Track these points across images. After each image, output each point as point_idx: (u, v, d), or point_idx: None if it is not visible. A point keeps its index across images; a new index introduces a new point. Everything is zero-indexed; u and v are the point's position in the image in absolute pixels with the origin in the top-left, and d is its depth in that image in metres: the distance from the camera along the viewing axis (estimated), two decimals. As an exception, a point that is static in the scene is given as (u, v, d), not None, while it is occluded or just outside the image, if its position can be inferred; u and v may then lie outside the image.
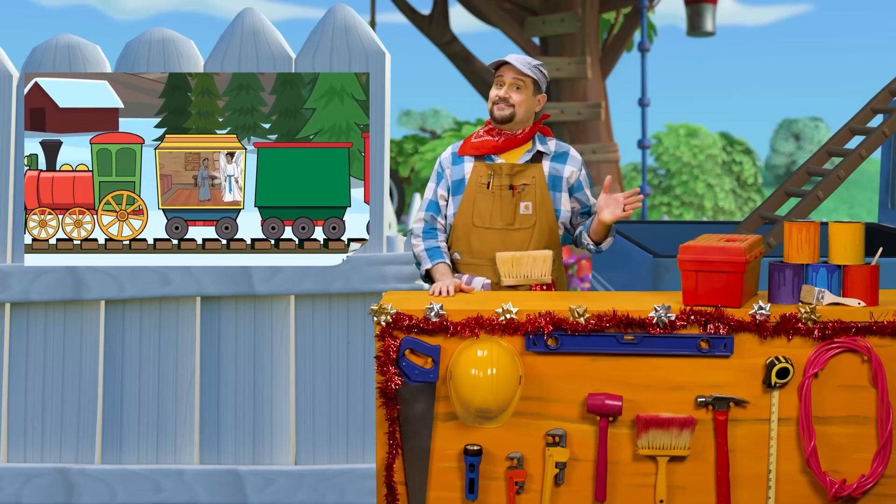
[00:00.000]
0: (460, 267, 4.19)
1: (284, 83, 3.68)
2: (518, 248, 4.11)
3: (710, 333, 3.58)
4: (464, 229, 4.17)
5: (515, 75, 4.12)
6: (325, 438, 4.93)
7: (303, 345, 4.92)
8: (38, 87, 3.72)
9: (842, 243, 3.67)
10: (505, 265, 4.05)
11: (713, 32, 17.37)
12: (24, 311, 4.92)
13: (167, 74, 3.55)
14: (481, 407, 3.56)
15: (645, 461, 3.65)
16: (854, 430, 3.61)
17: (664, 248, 6.95)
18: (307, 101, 3.69)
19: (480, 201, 4.14)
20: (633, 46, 18.10)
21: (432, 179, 4.26)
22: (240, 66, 4.84)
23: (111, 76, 3.68)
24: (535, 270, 4.06)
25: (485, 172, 4.15)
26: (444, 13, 17.60)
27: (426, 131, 45.01)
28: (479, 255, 4.14)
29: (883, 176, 6.82)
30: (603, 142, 16.38)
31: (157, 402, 4.94)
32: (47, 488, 4.88)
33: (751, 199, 33.55)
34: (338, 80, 3.74)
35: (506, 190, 4.13)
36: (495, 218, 4.13)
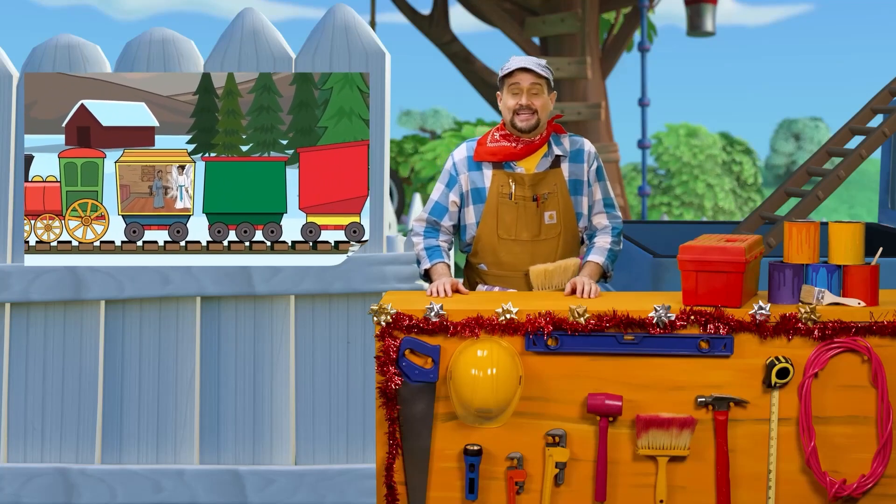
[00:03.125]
0: (488, 279, 4.15)
1: (300, 105, 4.15)
2: (546, 258, 4.08)
3: (710, 333, 3.58)
4: (489, 241, 4.10)
5: (533, 80, 4.00)
6: (325, 438, 4.93)
7: (303, 345, 4.92)
8: (83, 107, 4.14)
9: (842, 243, 3.67)
10: (538, 278, 4.05)
11: (713, 32, 17.37)
12: (24, 311, 4.92)
13: (197, 97, 4.06)
14: (481, 407, 3.56)
15: (645, 461, 3.65)
16: (854, 430, 3.60)
17: (664, 248, 6.95)
18: (320, 120, 4.17)
19: (504, 213, 4.07)
20: (633, 46, 18.09)
21: (442, 181, 4.15)
22: (240, 66, 4.84)
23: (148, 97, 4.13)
24: (566, 279, 4.05)
25: (506, 182, 4.06)
26: (444, 13, 17.60)
27: (426, 131, 45.00)
28: (509, 267, 4.10)
29: (883, 176, 6.82)
30: (603, 142, 16.38)
31: (157, 402, 4.94)
32: (47, 488, 4.88)
33: (751, 199, 33.55)
34: (347, 102, 4.20)
35: (529, 201, 4.05)
36: (521, 230, 4.07)
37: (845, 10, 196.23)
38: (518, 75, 4.01)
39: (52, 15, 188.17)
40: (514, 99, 4.01)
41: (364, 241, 4.33)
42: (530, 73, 4.00)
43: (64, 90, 4.15)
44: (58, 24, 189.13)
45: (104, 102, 4.12)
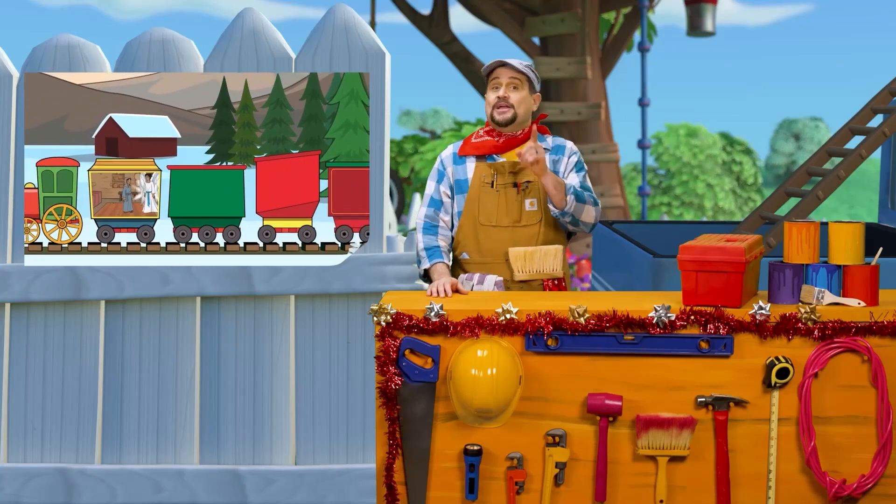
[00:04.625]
0: (469, 266, 4.20)
1: (310, 118, 4.51)
2: (527, 244, 4.14)
3: (710, 333, 3.58)
4: (471, 229, 4.18)
5: (512, 74, 4.14)
6: (325, 438, 4.93)
7: (303, 345, 4.92)
8: (112, 120, 4.47)
9: (842, 243, 3.67)
10: (518, 260, 4.10)
11: (713, 32, 17.37)
12: (24, 311, 4.92)
13: (216, 111, 4.43)
14: (481, 407, 3.56)
15: (645, 461, 3.65)
16: (854, 430, 3.61)
17: (664, 248, 6.95)
18: (328, 132, 4.52)
19: (485, 200, 4.16)
20: (633, 46, 18.10)
21: (432, 177, 4.27)
22: (240, 66, 4.84)
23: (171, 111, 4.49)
24: (547, 265, 4.10)
25: (487, 171, 4.18)
26: (444, 13, 17.60)
27: (426, 131, 45.00)
28: (489, 253, 4.16)
29: (883, 176, 6.82)
30: (603, 142, 16.38)
31: (157, 402, 4.94)
32: (47, 488, 4.88)
33: (751, 199, 33.56)
34: (352, 116, 4.54)
35: (510, 188, 4.15)
36: (502, 216, 4.15)
37: (845, 10, 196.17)
38: (497, 71, 4.16)
39: (52, 15, 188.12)
40: (493, 93, 4.17)
41: (314, 243, 4.62)
42: (508, 68, 4.15)
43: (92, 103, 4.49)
44: (58, 24, 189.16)
45: (131, 116, 4.46)
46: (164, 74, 4.57)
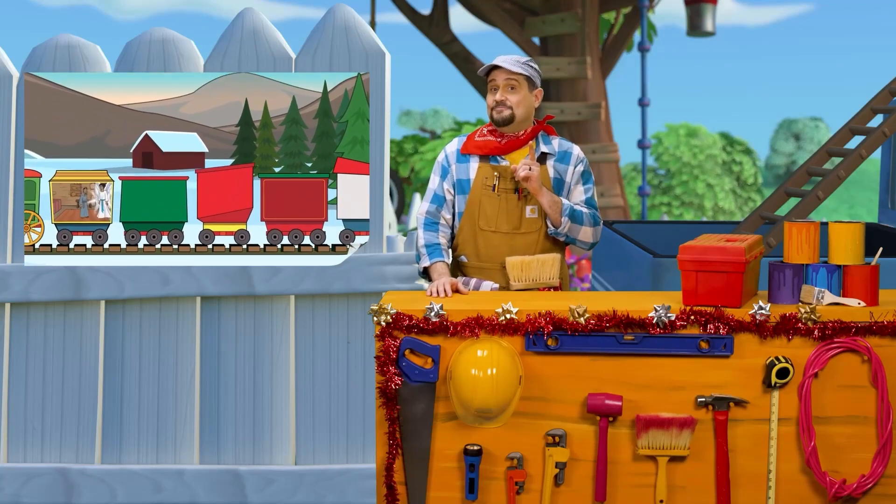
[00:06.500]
0: (468, 270, 4.19)
1: (322, 135, 4.89)
2: (525, 251, 4.11)
3: (710, 333, 3.58)
4: (470, 232, 4.17)
5: (507, 76, 4.11)
6: (325, 438, 4.93)
7: (303, 345, 4.92)
8: (147, 137, 4.90)
9: (842, 243, 3.67)
10: (514, 269, 4.07)
11: (713, 32, 17.37)
12: (24, 311, 4.92)
13: (239, 128, 4.90)
14: (481, 407, 3.56)
15: (645, 461, 3.65)
16: (854, 430, 3.61)
17: (664, 248, 6.95)
18: (338, 146, 4.89)
19: (486, 204, 4.14)
20: (633, 46, 18.09)
21: (436, 172, 4.25)
22: (240, 66, 4.84)
23: (199, 129, 4.92)
24: (544, 274, 4.07)
25: (490, 174, 4.15)
26: (444, 13, 17.59)
27: (426, 131, 44.98)
28: (487, 259, 4.14)
29: (883, 176, 6.82)
30: (603, 142, 16.37)
31: (157, 402, 4.94)
32: (47, 488, 4.88)
33: (751, 199, 33.55)
34: (359, 133, 4.89)
35: (511, 193, 4.13)
36: (501, 222, 4.13)
37: (845, 10, 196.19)
38: (494, 73, 4.15)
39: (52, 15, 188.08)
40: (491, 96, 4.16)
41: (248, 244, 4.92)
42: (503, 70, 4.12)
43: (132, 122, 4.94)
44: (58, 24, 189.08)
45: (164, 132, 4.92)
46: (192, 97, 4.95)
